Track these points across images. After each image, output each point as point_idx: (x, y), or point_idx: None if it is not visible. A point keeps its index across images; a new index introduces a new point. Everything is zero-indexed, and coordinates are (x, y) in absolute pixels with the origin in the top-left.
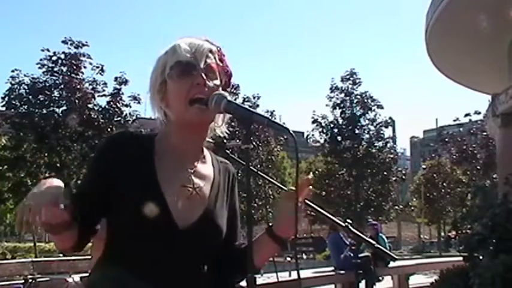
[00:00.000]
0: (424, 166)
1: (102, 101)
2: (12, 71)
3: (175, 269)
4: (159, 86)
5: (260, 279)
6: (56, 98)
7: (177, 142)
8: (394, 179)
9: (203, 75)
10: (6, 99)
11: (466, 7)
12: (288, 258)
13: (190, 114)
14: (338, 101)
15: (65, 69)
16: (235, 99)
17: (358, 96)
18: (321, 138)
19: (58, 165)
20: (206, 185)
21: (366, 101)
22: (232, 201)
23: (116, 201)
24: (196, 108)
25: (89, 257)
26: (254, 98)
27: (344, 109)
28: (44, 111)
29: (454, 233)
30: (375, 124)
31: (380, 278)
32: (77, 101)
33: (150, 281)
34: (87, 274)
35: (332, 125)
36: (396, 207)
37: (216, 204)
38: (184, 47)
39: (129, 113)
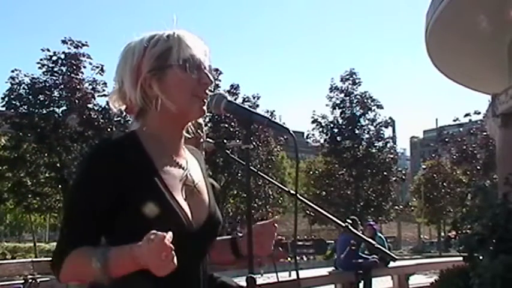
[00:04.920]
0: (424, 166)
1: (102, 101)
2: (12, 71)
3: (190, 269)
4: (154, 71)
5: (260, 279)
6: (56, 98)
7: (167, 135)
8: (394, 179)
9: (210, 76)
10: (6, 99)
11: (466, 7)
12: (288, 258)
13: (194, 109)
14: (338, 101)
15: (64, 69)
16: (235, 99)
17: (358, 96)
18: (320, 138)
19: (58, 165)
20: (198, 177)
21: (365, 101)
22: (211, 184)
23: (126, 213)
24: (200, 104)
25: None
26: (254, 98)
27: (344, 109)
28: (44, 111)
29: (454, 233)
30: (374, 124)
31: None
32: (77, 101)
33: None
34: None
35: (332, 125)
36: (396, 207)
37: (210, 195)
38: (195, 43)
39: None
